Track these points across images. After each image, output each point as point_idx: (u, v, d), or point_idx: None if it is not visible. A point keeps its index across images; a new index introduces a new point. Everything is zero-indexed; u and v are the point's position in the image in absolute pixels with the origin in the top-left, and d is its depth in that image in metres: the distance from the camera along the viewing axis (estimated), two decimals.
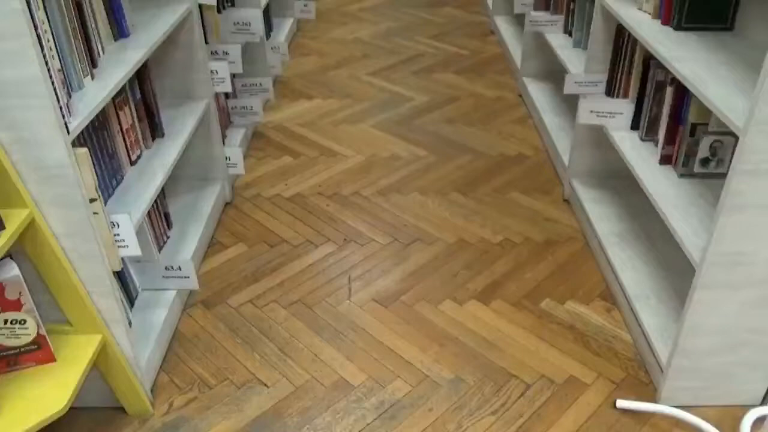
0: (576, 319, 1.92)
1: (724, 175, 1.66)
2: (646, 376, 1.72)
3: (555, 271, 2.11)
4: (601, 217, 2.20)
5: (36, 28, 1.18)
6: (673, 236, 1.56)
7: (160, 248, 2.03)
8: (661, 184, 1.72)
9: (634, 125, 1.99)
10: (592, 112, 2.06)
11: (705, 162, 1.71)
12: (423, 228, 2.33)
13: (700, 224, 1.54)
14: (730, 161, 1.30)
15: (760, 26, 1.69)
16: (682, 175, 1.74)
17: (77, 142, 1.42)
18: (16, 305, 1.32)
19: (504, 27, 3.91)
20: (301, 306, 1.98)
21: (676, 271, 1.93)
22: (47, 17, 1.30)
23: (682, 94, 1.71)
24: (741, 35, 1.76)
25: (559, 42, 2.67)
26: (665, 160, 1.80)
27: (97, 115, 1.61)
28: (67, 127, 1.27)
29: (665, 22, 1.84)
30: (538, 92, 3.07)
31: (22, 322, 1.35)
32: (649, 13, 1.91)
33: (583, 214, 2.28)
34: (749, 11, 1.74)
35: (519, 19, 3.94)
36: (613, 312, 1.94)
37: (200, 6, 2.17)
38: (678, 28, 1.80)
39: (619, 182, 2.34)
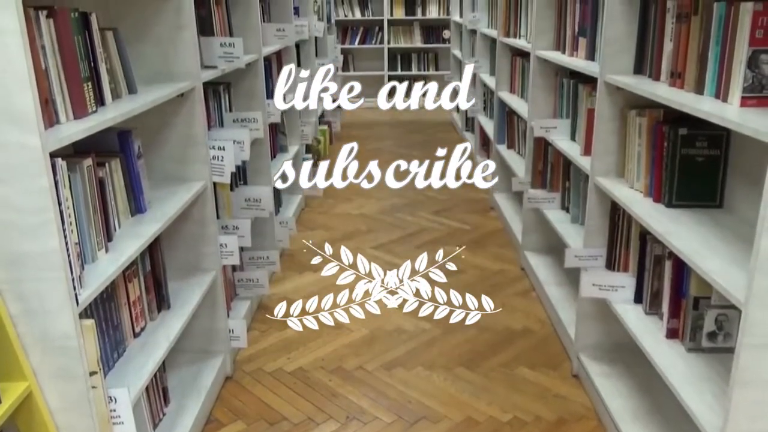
0: None
1: (733, 349, 1.64)
2: None
3: None
4: (613, 393, 2.13)
5: (60, 204, 1.24)
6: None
7: (155, 425, 1.95)
8: (670, 360, 1.69)
9: (637, 298, 2.00)
10: (594, 285, 2.08)
11: (712, 336, 1.69)
12: (428, 405, 2.25)
13: (714, 401, 1.49)
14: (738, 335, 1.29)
15: (747, 203, 1.77)
16: (690, 350, 1.72)
17: (84, 314, 1.43)
18: None
19: (503, 203, 4.08)
20: None
21: None
22: (71, 194, 1.37)
23: (681, 267, 1.74)
24: (730, 212, 1.84)
25: (557, 217, 2.77)
26: (672, 333, 1.79)
27: (106, 287, 1.64)
28: (77, 299, 1.29)
29: (657, 200, 1.93)
30: (540, 265, 3.12)
31: None
32: (641, 192, 2.01)
33: (593, 390, 2.21)
34: (736, 190, 1.83)
35: (518, 196, 4.12)
36: None
37: (214, 183, 2.30)
38: (669, 205, 1.88)
39: (629, 356, 2.30)
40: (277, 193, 3.60)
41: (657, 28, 1.91)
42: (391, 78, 8.17)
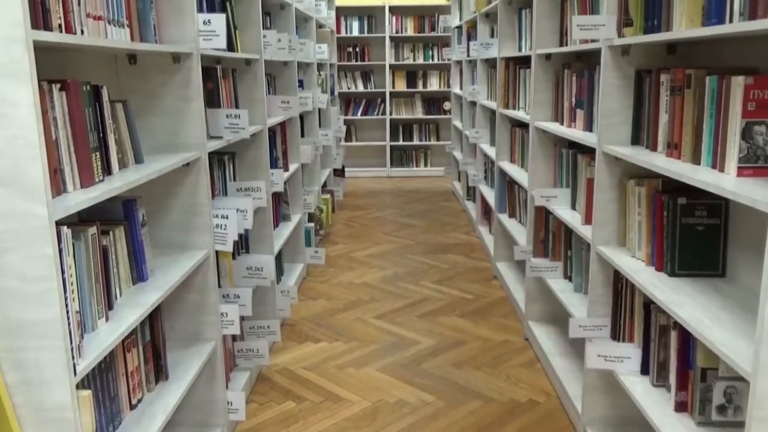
0: None
1: (744, 424, 1.60)
2: None
3: None
4: None
5: (63, 273, 1.24)
6: None
7: None
8: None
9: (644, 369, 1.97)
10: (599, 356, 2.05)
11: (722, 409, 1.65)
12: None
13: None
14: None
15: (750, 272, 1.77)
16: (700, 424, 1.67)
17: (81, 384, 1.41)
18: None
19: (506, 272, 4.07)
20: None
21: None
22: (74, 262, 1.38)
23: (687, 338, 1.72)
24: (733, 281, 1.83)
25: (560, 287, 2.76)
26: (680, 407, 1.75)
27: (104, 357, 1.62)
28: (75, 369, 1.27)
29: (659, 269, 1.92)
30: (544, 335, 3.08)
31: None
32: (643, 261, 2.01)
33: None
34: (738, 259, 1.83)
35: (520, 265, 4.11)
36: None
37: (216, 252, 2.30)
38: (672, 274, 1.88)
39: (637, 430, 2.24)
40: (278, 261, 3.60)
41: (652, 100, 1.97)
42: (393, 148, 8.31)
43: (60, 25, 1.38)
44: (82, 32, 1.49)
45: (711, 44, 1.96)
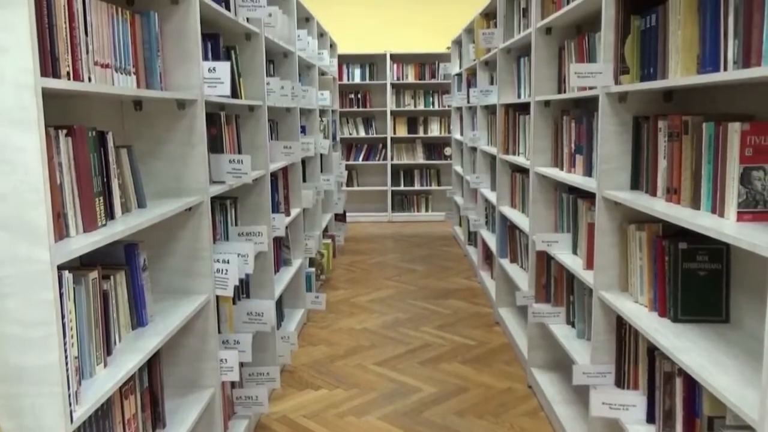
0: None
1: None
2: None
3: None
4: None
5: (63, 318, 1.24)
6: None
7: None
8: None
9: (650, 418, 1.93)
10: (604, 404, 2.01)
11: None
12: None
13: None
14: None
15: (753, 318, 1.75)
16: None
17: None
18: None
19: (508, 318, 4.04)
20: None
21: None
22: (75, 307, 1.37)
23: (692, 385, 1.70)
24: (737, 327, 1.82)
25: (562, 332, 2.73)
26: None
27: (101, 404, 1.59)
28: (71, 416, 1.25)
29: (662, 314, 1.91)
30: (547, 383, 3.04)
31: None
32: (646, 306, 2.00)
33: None
34: (741, 304, 1.82)
35: (522, 310, 4.08)
36: None
37: (217, 296, 2.29)
38: (675, 320, 1.87)
39: None
40: (279, 306, 3.58)
41: (650, 146, 1.99)
42: (394, 193, 8.36)
43: (68, 73, 1.41)
44: (90, 80, 1.52)
45: (706, 91, 1.99)
